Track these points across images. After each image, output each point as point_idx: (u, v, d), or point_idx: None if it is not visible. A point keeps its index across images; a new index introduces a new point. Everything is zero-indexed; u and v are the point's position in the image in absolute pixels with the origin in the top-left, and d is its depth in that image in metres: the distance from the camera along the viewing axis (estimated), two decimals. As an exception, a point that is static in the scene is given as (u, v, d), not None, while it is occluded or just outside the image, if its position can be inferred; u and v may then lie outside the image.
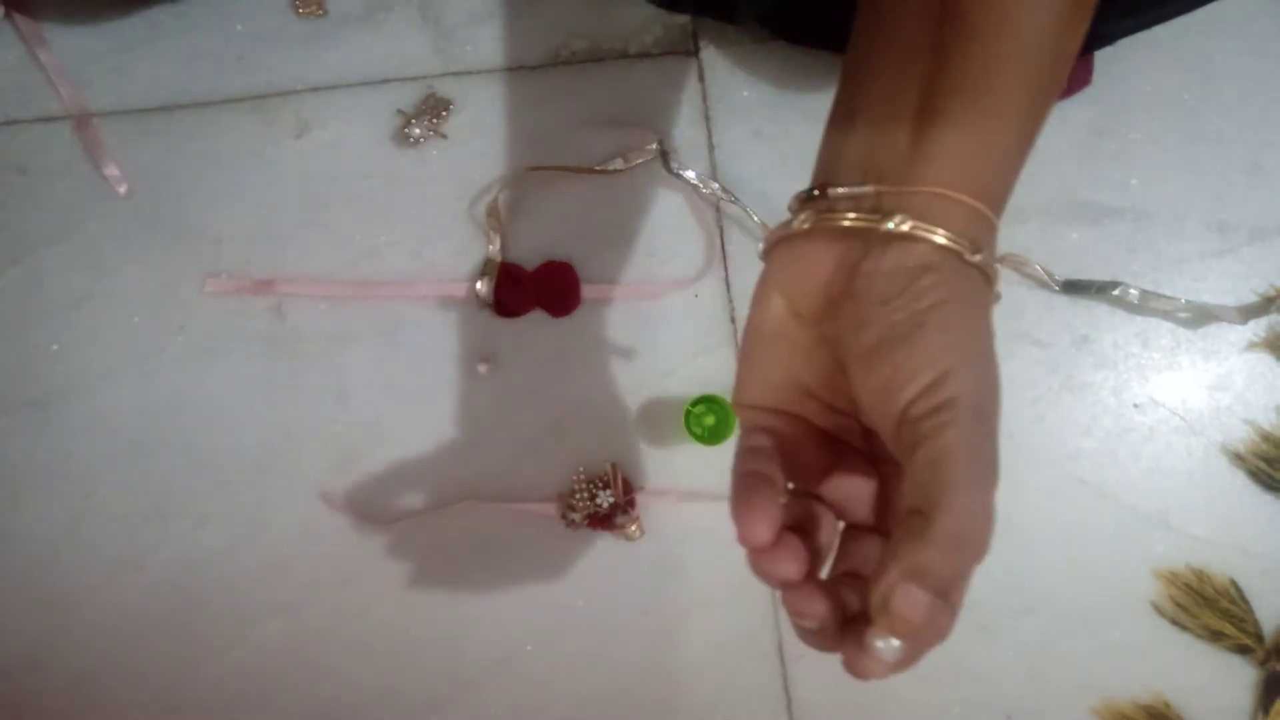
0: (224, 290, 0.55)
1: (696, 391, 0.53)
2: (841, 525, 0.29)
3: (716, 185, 0.55)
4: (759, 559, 0.26)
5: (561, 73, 0.56)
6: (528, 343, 0.55)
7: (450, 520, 0.54)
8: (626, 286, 0.55)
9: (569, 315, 0.54)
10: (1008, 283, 0.55)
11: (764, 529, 0.25)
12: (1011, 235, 0.55)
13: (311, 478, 0.54)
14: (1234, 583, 0.54)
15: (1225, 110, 0.56)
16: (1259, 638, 0.54)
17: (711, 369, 0.55)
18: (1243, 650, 0.54)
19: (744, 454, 0.28)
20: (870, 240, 0.26)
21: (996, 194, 0.27)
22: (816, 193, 0.28)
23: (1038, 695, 0.54)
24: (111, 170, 0.55)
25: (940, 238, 0.26)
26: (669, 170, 0.55)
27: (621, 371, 0.55)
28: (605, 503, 0.52)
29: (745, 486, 0.26)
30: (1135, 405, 0.55)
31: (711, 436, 0.52)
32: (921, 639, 0.24)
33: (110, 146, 0.55)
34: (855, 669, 0.25)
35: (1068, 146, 0.56)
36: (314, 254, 0.55)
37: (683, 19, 0.56)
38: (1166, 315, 0.55)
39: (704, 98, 0.56)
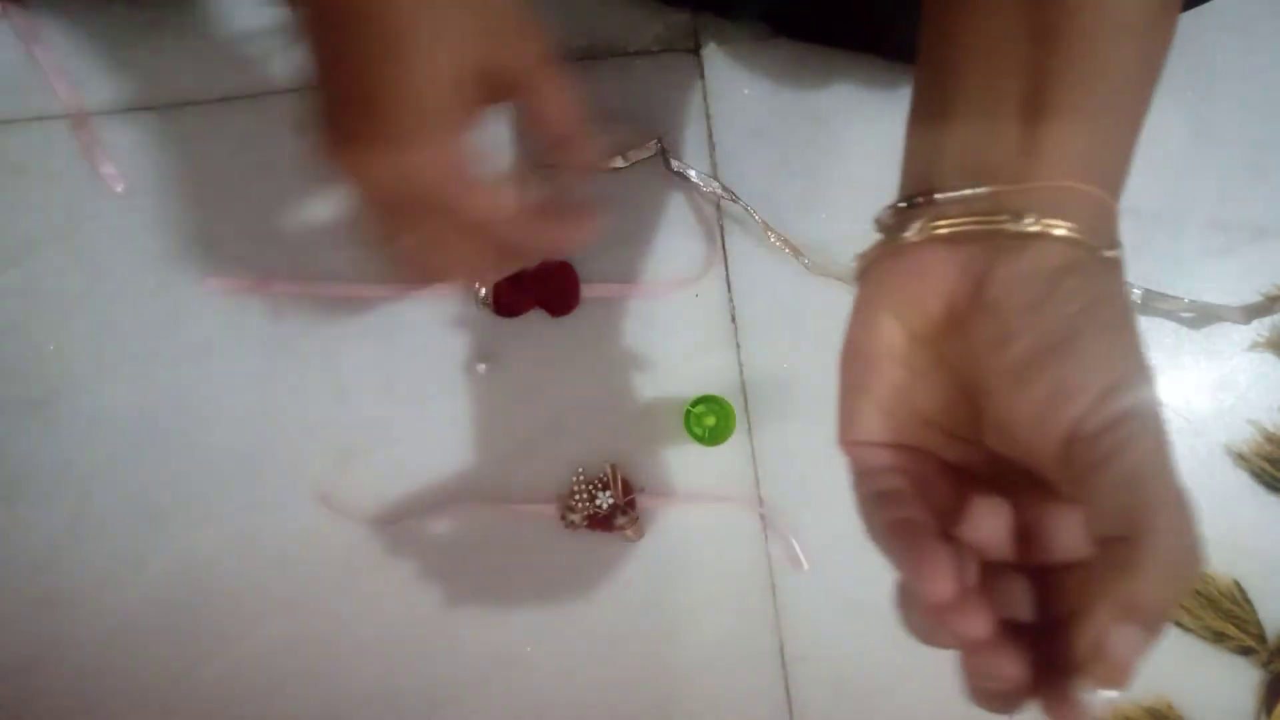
0: (222, 289, 0.54)
1: (696, 391, 0.53)
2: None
3: (717, 184, 0.54)
4: (944, 616, 0.23)
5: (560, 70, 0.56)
6: (527, 343, 0.54)
7: (449, 520, 0.54)
8: (626, 286, 0.55)
9: (569, 315, 0.54)
10: (1009, 282, 0.55)
11: (947, 582, 0.22)
12: (1013, 234, 0.55)
13: (311, 478, 0.54)
14: (1237, 584, 0.54)
15: (1228, 110, 0.56)
16: (1262, 639, 0.53)
17: (712, 369, 0.55)
18: (1245, 651, 0.53)
19: (881, 500, 0.26)
20: (995, 246, 0.24)
21: (1116, 183, 0.25)
22: (920, 200, 0.26)
23: (1039, 696, 0.53)
24: (109, 169, 0.54)
25: (1077, 234, 0.24)
26: (669, 169, 0.54)
27: (621, 371, 0.54)
28: (605, 504, 0.52)
29: (906, 537, 0.24)
30: (1138, 405, 0.55)
31: (712, 437, 0.52)
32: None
33: (108, 145, 0.55)
34: None
35: (1070, 145, 0.56)
36: (312, 253, 0.55)
37: (683, 16, 0.56)
38: (1169, 315, 0.55)
39: (704, 95, 0.56)
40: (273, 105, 0.55)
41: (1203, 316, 0.55)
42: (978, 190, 0.25)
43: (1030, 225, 0.24)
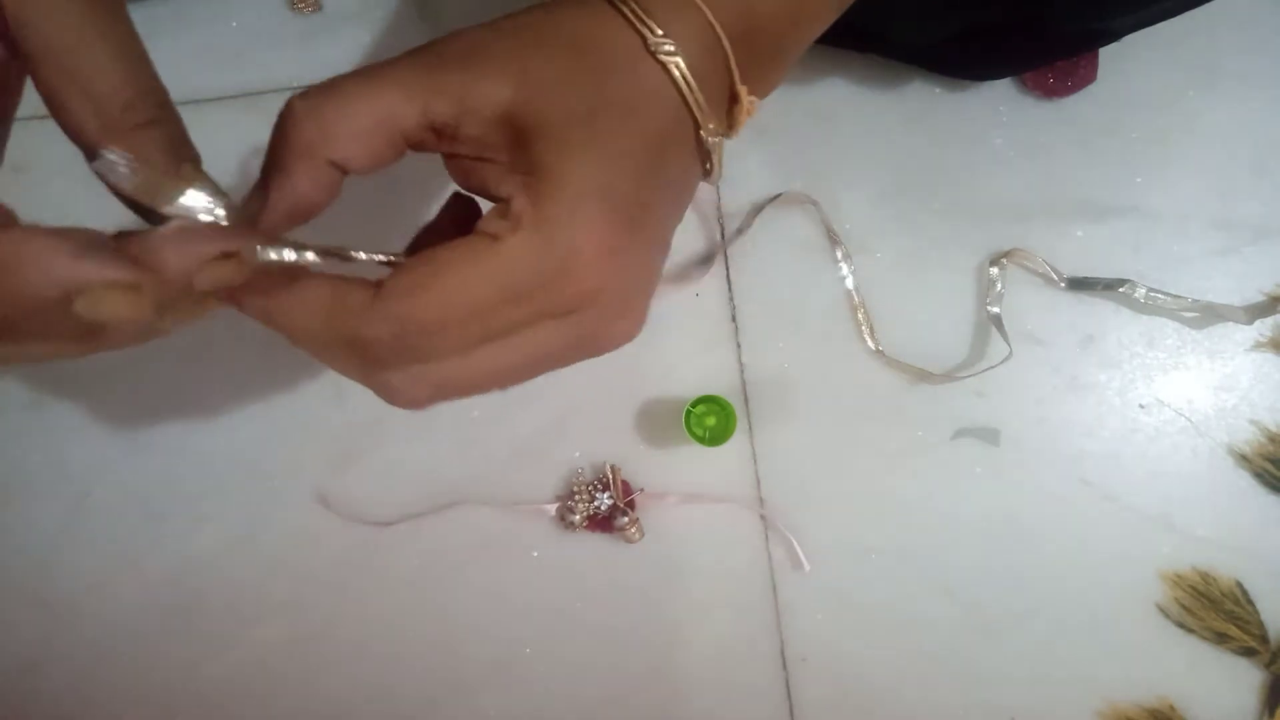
0: (221, 289, 0.54)
1: (697, 392, 0.53)
2: None
3: (718, 183, 0.54)
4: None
5: (561, 70, 0.55)
6: (527, 342, 0.54)
7: (448, 521, 0.54)
8: (626, 285, 0.54)
9: (568, 314, 0.54)
10: (1012, 282, 0.54)
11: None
12: (1015, 233, 0.55)
13: (309, 478, 0.54)
14: (1239, 584, 0.53)
15: (1230, 109, 0.56)
16: (1264, 640, 0.53)
17: (712, 369, 0.55)
18: (1248, 652, 0.53)
19: None
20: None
21: (731, 19, 0.29)
22: None
23: (1041, 697, 0.53)
24: (108, 168, 0.54)
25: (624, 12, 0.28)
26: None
27: (621, 371, 0.54)
28: (604, 504, 0.52)
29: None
30: (1140, 406, 0.55)
31: (712, 437, 0.52)
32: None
33: (107, 145, 0.55)
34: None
35: (1071, 144, 0.56)
36: (312, 253, 0.55)
37: (683, 16, 0.56)
38: (1172, 315, 0.55)
39: (705, 95, 0.55)
40: (273, 105, 0.55)
41: (1205, 316, 0.55)
42: None
43: None
